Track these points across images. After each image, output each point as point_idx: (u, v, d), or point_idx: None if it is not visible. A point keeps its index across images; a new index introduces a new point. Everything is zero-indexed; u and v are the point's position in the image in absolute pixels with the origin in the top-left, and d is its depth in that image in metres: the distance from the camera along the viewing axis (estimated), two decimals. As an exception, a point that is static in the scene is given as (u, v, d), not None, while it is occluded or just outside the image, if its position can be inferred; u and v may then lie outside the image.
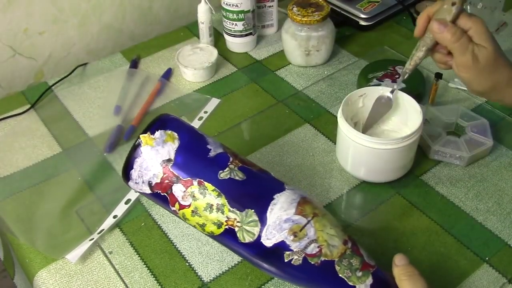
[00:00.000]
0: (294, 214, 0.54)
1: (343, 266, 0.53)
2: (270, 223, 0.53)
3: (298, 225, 0.53)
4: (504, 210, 0.70)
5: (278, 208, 0.54)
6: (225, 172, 0.55)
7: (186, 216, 0.57)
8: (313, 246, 0.53)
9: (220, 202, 0.54)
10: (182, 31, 1.05)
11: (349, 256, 0.53)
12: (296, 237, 0.53)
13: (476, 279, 0.63)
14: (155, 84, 0.91)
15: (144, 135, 0.56)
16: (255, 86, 0.92)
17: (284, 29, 0.93)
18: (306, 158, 0.78)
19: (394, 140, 0.67)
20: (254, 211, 0.54)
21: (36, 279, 0.66)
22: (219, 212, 0.55)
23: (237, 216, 0.54)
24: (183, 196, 0.55)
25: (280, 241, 0.53)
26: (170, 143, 0.56)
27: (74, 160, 0.79)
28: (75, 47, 1.04)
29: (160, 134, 0.56)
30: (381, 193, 0.73)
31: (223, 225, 0.55)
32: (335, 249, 0.53)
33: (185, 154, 0.56)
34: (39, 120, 0.86)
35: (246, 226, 0.54)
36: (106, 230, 0.69)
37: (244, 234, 0.54)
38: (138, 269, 0.65)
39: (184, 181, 0.55)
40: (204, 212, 0.55)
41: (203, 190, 0.55)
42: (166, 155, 0.55)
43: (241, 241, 0.54)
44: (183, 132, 0.57)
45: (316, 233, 0.53)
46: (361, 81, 0.87)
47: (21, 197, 0.74)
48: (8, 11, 0.92)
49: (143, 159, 0.55)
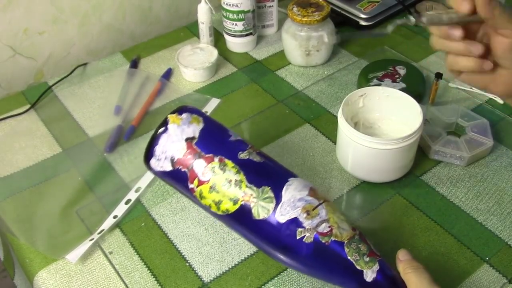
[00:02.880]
0: (307, 195, 0.57)
1: (351, 249, 0.55)
2: (285, 200, 0.56)
3: (311, 205, 0.56)
4: (504, 210, 0.70)
5: (292, 188, 0.57)
6: (244, 153, 0.59)
7: (203, 193, 0.59)
8: (325, 226, 0.55)
9: (238, 178, 0.57)
10: (182, 31, 1.05)
11: (357, 241, 0.55)
12: (309, 215, 0.55)
13: (476, 279, 0.63)
14: (155, 84, 0.91)
15: (171, 115, 0.60)
16: (255, 86, 0.92)
17: (284, 29, 0.93)
18: (306, 158, 0.78)
19: (394, 140, 0.67)
20: (270, 188, 0.56)
21: (36, 279, 0.66)
22: (236, 187, 0.57)
23: (253, 192, 0.56)
24: (203, 172, 0.58)
25: (293, 218, 0.55)
26: (195, 124, 0.60)
27: (74, 160, 0.79)
28: (75, 47, 1.04)
29: (187, 116, 0.60)
30: (381, 193, 0.73)
31: (239, 201, 0.57)
32: (345, 231, 0.55)
33: (208, 134, 0.60)
34: (39, 120, 0.86)
35: (262, 201, 0.56)
36: (106, 230, 0.69)
37: (259, 209, 0.56)
38: (138, 269, 0.65)
39: (205, 157, 0.58)
40: (223, 188, 0.57)
41: (223, 166, 0.58)
42: (191, 133, 0.59)
43: (255, 218, 0.56)
44: (207, 119, 0.62)
45: (327, 214, 0.56)
46: (361, 81, 0.87)
47: (21, 197, 0.74)
48: (8, 11, 0.92)
49: (169, 135, 0.59)
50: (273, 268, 0.65)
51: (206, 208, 0.60)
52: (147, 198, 0.74)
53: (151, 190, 0.75)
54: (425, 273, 0.53)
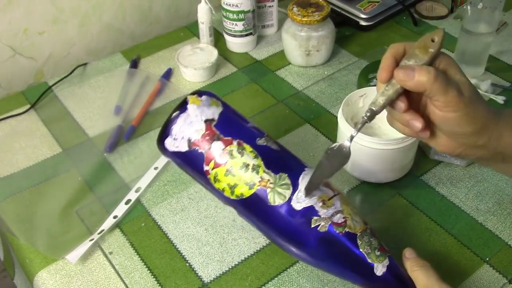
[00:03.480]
0: (323, 186, 0.57)
1: (364, 242, 0.55)
2: (302, 188, 0.56)
3: (327, 195, 0.56)
4: (505, 211, 0.70)
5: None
6: (262, 139, 0.59)
7: (218, 176, 0.58)
8: (339, 216, 0.55)
9: (256, 163, 0.57)
10: (182, 31, 1.05)
11: (369, 234, 0.56)
12: (324, 204, 0.55)
13: (477, 279, 0.63)
14: (155, 84, 0.91)
15: (191, 96, 0.59)
16: (255, 86, 0.92)
17: (284, 29, 0.93)
18: (306, 158, 0.77)
19: (394, 140, 0.67)
20: (288, 175, 0.56)
21: (36, 279, 0.66)
22: (254, 172, 0.56)
23: (270, 178, 0.56)
24: (221, 154, 0.57)
25: (309, 206, 0.55)
26: (215, 107, 0.59)
27: (74, 160, 0.79)
28: (75, 47, 1.04)
29: (206, 98, 0.59)
30: (381, 194, 0.73)
31: (255, 185, 0.56)
32: (358, 224, 0.56)
33: (228, 118, 0.59)
34: (39, 120, 0.86)
35: (278, 188, 0.56)
36: (106, 230, 0.69)
37: (276, 195, 0.56)
38: (138, 270, 0.65)
39: (224, 140, 0.57)
40: (239, 171, 0.57)
41: (241, 150, 0.57)
42: (211, 115, 0.58)
43: (271, 204, 0.56)
44: (226, 104, 0.61)
45: (342, 205, 0.56)
46: (361, 81, 0.87)
47: (21, 197, 0.74)
48: (8, 11, 0.92)
49: (188, 115, 0.58)
50: (273, 268, 0.65)
51: (218, 192, 0.59)
52: (147, 198, 0.74)
53: (151, 190, 0.75)
54: (432, 270, 0.54)
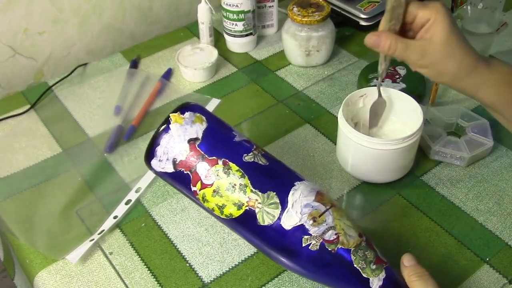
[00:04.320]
0: (314, 201, 0.55)
1: (358, 257, 0.54)
2: (291, 207, 0.54)
3: (318, 211, 0.54)
4: (505, 211, 0.70)
5: (298, 194, 0.55)
6: (249, 155, 0.57)
7: (206, 197, 0.57)
8: (331, 233, 0.54)
9: (243, 183, 0.55)
10: (182, 31, 1.05)
11: (364, 248, 0.54)
12: (315, 222, 0.54)
13: (477, 279, 0.63)
14: (155, 84, 0.91)
15: (174, 114, 0.57)
16: (255, 86, 0.92)
17: (284, 29, 0.93)
18: (306, 159, 0.78)
19: (395, 141, 0.67)
20: (276, 193, 0.55)
21: (36, 279, 0.66)
22: (241, 192, 0.55)
23: (258, 197, 0.55)
24: (206, 175, 0.56)
25: (299, 225, 0.54)
26: (198, 124, 0.57)
27: (74, 160, 0.79)
28: (75, 47, 1.04)
29: (189, 115, 0.57)
30: (381, 194, 0.73)
31: (244, 206, 0.55)
32: (351, 239, 0.54)
33: (212, 135, 0.57)
34: (39, 120, 0.86)
35: (267, 207, 0.55)
36: (107, 230, 0.69)
37: (264, 215, 0.55)
38: (139, 270, 0.65)
39: (209, 160, 0.56)
40: (226, 192, 0.56)
41: (227, 169, 0.56)
42: (194, 134, 0.56)
43: (260, 224, 0.55)
44: (211, 117, 0.59)
45: (334, 221, 0.54)
46: (362, 81, 0.87)
47: (21, 197, 0.74)
48: (8, 11, 0.92)
49: (171, 136, 0.56)
50: (273, 268, 0.65)
51: (209, 211, 0.58)
52: (147, 198, 0.74)
53: (151, 190, 0.75)
54: (431, 279, 0.53)
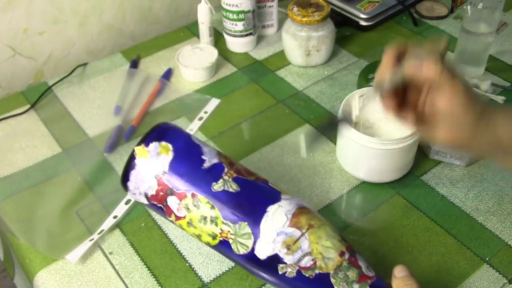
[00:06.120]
0: (288, 227, 0.53)
1: (338, 279, 0.52)
2: (263, 237, 0.53)
3: (292, 238, 0.53)
4: (505, 211, 0.70)
5: (270, 220, 0.54)
6: (218, 184, 0.55)
7: (183, 226, 0.58)
8: (307, 259, 0.52)
9: (214, 215, 0.55)
10: (182, 31, 1.05)
11: (345, 268, 0.53)
12: (289, 250, 0.53)
13: (477, 279, 0.63)
14: (155, 84, 0.91)
15: (138, 147, 0.57)
16: (255, 86, 0.92)
17: (284, 29, 0.93)
18: (306, 158, 0.78)
19: (394, 140, 0.67)
20: (248, 223, 0.54)
21: (36, 279, 0.66)
22: (213, 224, 0.55)
23: (230, 229, 0.54)
24: (177, 208, 0.56)
25: (273, 254, 0.53)
26: (164, 155, 0.56)
27: (74, 160, 0.79)
28: (75, 47, 1.04)
29: (155, 146, 0.56)
30: (381, 194, 0.73)
31: (218, 236, 0.55)
32: (330, 261, 0.53)
33: (178, 166, 0.56)
34: (39, 120, 0.86)
35: (240, 238, 0.54)
36: (106, 230, 0.69)
37: (238, 246, 0.54)
38: (138, 270, 0.65)
39: (178, 194, 0.56)
40: (199, 224, 0.56)
41: (196, 202, 0.55)
42: (161, 167, 0.56)
43: (236, 253, 0.55)
44: (178, 143, 0.58)
45: (310, 245, 0.53)
46: (361, 81, 0.87)
47: (21, 197, 0.74)
48: (8, 11, 0.92)
49: (138, 172, 0.56)
50: (273, 268, 0.65)
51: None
52: (147, 198, 0.74)
53: (151, 190, 0.75)
54: None
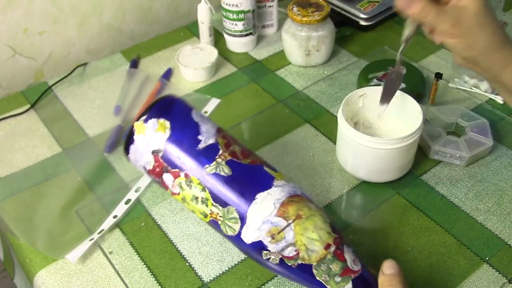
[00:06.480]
0: (275, 216, 0.54)
1: (321, 271, 0.53)
2: (249, 223, 0.54)
3: (277, 228, 0.53)
4: (504, 210, 0.70)
5: (258, 208, 0.54)
6: (211, 166, 0.56)
7: (179, 201, 0.59)
8: (290, 250, 0.53)
9: (204, 196, 0.56)
10: (182, 31, 1.05)
11: (329, 261, 0.53)
12: (273, 239, 0.54)
13: (476, 279, 0.63)
14: (155, 84, 0.91)
15: (137, 123, 0.57)
16: (255, 86, 0.92)
17: (284, 29, 0.93)
18: (306, 158, 0.78)
19: (394, 140, 0.67)
20: (235, 208, 0.55)
21: (36, 279, 0.66)
22: (203, 204, 0.56)
23: (219, 211, 0.56)
24: (172, 185, 0.58)
25: (258, 241, 0.54)
26: (161, 133, 0.57)
27: (74, 160, 0.79)
28: (75, 47, 1.04)
29: (153, 123, 0.57)
30: (381, 193, 0.73)
31: (208, 216, 0.57)
32: (314, 253, 0.53)
33: (174, 145, 0.57)
34: (39, 120, 0.86)
35: (228, 221, 0.55)
36: (106, 230, 0.69)
37: (227, 228, 0.56)
38: (138, 269, 0.65)
39: (172, 172, 0.57)
40: (191, 202, 0.57)
41: (189, 182, 0.56)
42: (157, 145, 0.57)
43: (225, 233, 0.56)
44: (177, 121, 0.57)
45: (294, 237, 0.53)
46: (361, 81, 0.87)
47: (21, 197, 0.74)
48: (8, 11, 0.92)
49: (136, 147, 0.57)
50: (273, 268, 0.65)
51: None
52: (147, 198, 0.74)
53: (151, 190, 0.75)
54: None
